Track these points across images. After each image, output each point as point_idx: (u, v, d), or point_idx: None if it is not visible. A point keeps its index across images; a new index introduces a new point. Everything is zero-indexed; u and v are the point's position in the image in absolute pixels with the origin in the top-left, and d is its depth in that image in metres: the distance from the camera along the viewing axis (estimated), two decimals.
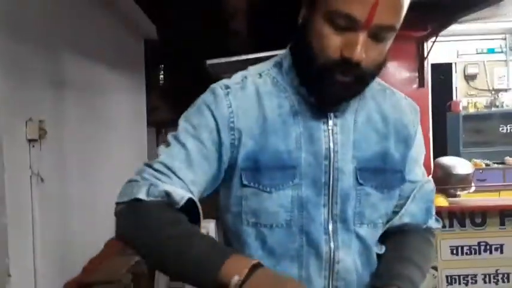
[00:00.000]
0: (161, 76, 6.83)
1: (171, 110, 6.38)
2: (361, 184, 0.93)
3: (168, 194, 0.84)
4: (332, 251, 0.91)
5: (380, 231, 0.99)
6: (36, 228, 2.83)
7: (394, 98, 1.02)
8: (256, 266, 0.75)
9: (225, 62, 3.75)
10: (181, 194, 0.84)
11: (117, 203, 0.88)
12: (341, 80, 0.85)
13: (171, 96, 6.37)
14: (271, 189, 0.89)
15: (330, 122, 0.92)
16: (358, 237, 0.94)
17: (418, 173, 1.03)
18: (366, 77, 0.88)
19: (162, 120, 6.43)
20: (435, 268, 2.97)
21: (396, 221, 1.00)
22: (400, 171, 0.98)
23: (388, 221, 1.00)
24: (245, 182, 0.90)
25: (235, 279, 0.72)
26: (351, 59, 0.81)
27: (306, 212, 0.90)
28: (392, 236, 1.01)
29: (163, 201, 0.84)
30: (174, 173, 0.88)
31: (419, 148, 1.04)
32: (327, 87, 0.87)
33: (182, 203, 0.83)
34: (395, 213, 1.00)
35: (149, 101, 5.94)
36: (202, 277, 0.76)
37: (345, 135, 0.92)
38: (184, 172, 0.88)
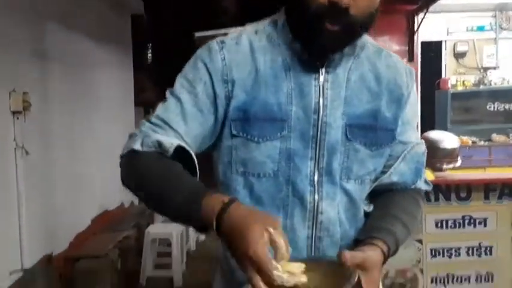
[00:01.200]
0: (149, 55, 6.73)
1: (159, 90, 6.29)
2: (349, 140, 0.95)
3: (160, 144, 0.88)
4: (316, 202, 0.94)
5: (368, 188, 1.00)
6: (21, 201, 2.81)
7: (389, 59, 1.02)
8: (230, 203, 0.79)
9: (214, 35, 3.69)
10: (171, 141, 0.88)
11: (120, 156, 0.94)
12: (330, 29, 0.87)
13: (159, 75, 6.29)
14: (259, 139, 0.92)
15: (321, 78, 0.93)
16: (345, 191, 0.96)
17: (411, 135, 1.04)
18: (355, 26, 0.89)
19: (150, 100, 6.35)
20: (420, 241, 3.01)
21: (385, 179, 1.01)
22: (391, 130, 0.99)
23: (376, 179, 1.01)
24: (234, 132, 0.93)
25: (214, 218, 0.78)
26: (338, 4, 0.84)
27: (293, 164, 0.93)
28: (380, 195, 1.04)
29: (156, 151, 0.89)
30: (168, 125, 0.92)
31: (413, 110, 1.04)
32: (316, 37, 0.88)
33: (172, 149, 0.87)
34: (384, 173, 1.02)
35: (137, 80, 5.86)
36: (188, 220, 0.84)
37: (335, 91, 0.94)
38: (178, 124, 0.92)
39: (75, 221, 3.74)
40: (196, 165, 0.90)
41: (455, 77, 5.27)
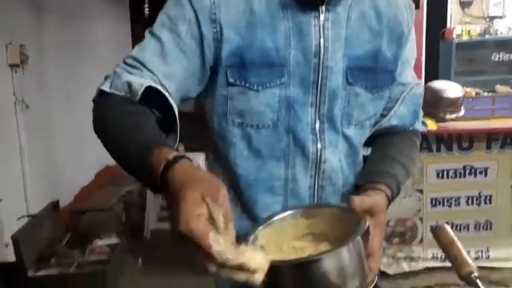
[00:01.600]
0: (146, 8, 6.55)
1: None
2: (350, 84, 0.90)
3: (129, 85, 0.80)
4: (319, 151, 0.90)
5: (367, 133, 0.98)
6: (24, 155, 2.82)
7: None
8: (177, 158, 0.68)
9: None
10: (141, 82, 0.79)
11: (92, 101, 0.86)
12: None
13: None
14: (258, 87, 0.86)
15: (321, 17, 0.87)
16: (345, 137, 0.93)
17: (408, 74, 1.01)
18: None
19: None
20: (420, 191, 3.04)
21: (385, 122, 0.99)
22: (391, 71, 0.96)
23: (376, 123, 0.99)
24: (231, 80, 0.86)
25: (158, 179, 0.67)
26: None
27: (293, 112, 0.88)
28: (379, 138, 1.01)
29: (125, 95, 0.80)
30: (144, 66, 0.84)
31: (412, 49, 1.01)
32: None
33: (141, 91, 0.78)
34: (383, 116, 0.99)
35: (134, 33, 5.74)
36: (139, 179, 0.74)
37: (336, 31, 0.88)
38: (156, 65, 0.84)
39: (78, 174, 3.77)
40: (175, 109, 0.81)
41: (460, 26, 5.13)
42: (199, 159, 2.96)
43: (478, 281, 0.91)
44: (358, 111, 0.93)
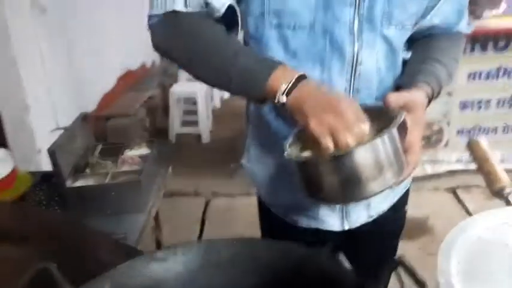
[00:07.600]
0: None
1: None
2: None
3: (207, 3, 0.83)
4: (355, 53, 0.88)
5: (408, 33, 0.95)
6: (46, 61, 2.78)
7: None
8: (303, 76, 0.76)
9: None
10: (222, 1, 0.84)
11: (150, 16, 0.88)
12: None
13: None
14: None
15: None
16: (385, 39, 0.90)
17: None
18: None
19: None
20: (449, 94, 2.96)
21: (426, 22, 0.95)
22: None
23: (417, 24, 0.95)
24: None
25: (283, 86, 0.74)
26: None
27: (331, 12, 0.85)
28: (420, 40, 1.00)
29: (202, 11, 0.85)
30: None
31: None
32: None
33: (223, 10, 0.84)
34: (425, 16, 0.95)
35: None
36: (251, 87, 0.79)
37: None
38: None
39: (101, 80, 3.75)
40: (239, 25, 0.88)
41: None
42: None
43: (510, 197, 0.90)
44: (399, 10, 0.88)
